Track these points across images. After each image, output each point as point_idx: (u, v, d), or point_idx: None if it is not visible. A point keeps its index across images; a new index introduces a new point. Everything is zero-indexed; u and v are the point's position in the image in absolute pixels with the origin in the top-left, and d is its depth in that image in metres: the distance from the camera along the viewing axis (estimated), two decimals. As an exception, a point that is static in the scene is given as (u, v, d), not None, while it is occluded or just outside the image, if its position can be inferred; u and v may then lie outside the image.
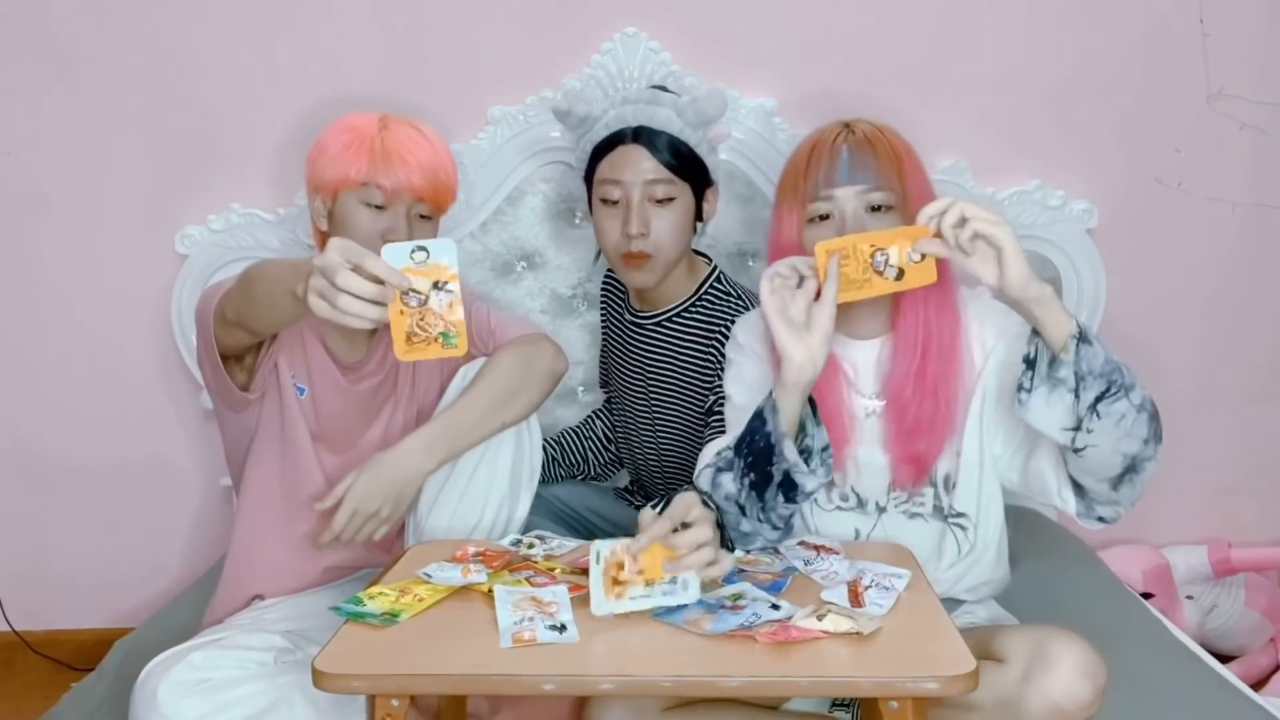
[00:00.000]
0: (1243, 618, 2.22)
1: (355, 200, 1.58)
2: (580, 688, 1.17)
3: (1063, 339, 1.29)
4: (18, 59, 2.10)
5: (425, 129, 1.64)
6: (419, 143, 1.60)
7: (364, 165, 1.57)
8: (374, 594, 1.28)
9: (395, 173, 1.57)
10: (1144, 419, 1.31)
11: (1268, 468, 2.29)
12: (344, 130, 1.60)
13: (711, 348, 1.77)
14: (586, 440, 2.09)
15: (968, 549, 1.51)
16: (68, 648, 2.31)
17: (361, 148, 1.57)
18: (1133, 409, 1.30)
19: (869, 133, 1.47)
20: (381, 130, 1.59)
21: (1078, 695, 1.23)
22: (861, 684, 1.12)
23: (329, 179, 1.59)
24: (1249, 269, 2.19)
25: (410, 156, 1.58)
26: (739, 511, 1.39)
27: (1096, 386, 1.28)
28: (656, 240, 1.72)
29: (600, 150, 1.75)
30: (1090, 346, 1.28)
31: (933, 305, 1.45)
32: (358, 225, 1.58)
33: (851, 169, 1.44)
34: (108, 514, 2.28)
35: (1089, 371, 1.28)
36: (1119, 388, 1.29)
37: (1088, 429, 1.30)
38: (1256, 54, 2.09)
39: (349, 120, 1.62)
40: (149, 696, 1.34)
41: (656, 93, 1.77)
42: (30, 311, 2.21)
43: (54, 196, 2.16)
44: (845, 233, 1.41)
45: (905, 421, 1.46)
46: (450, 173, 1.64)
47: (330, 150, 1.59)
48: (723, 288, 1.82)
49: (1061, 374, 1.29)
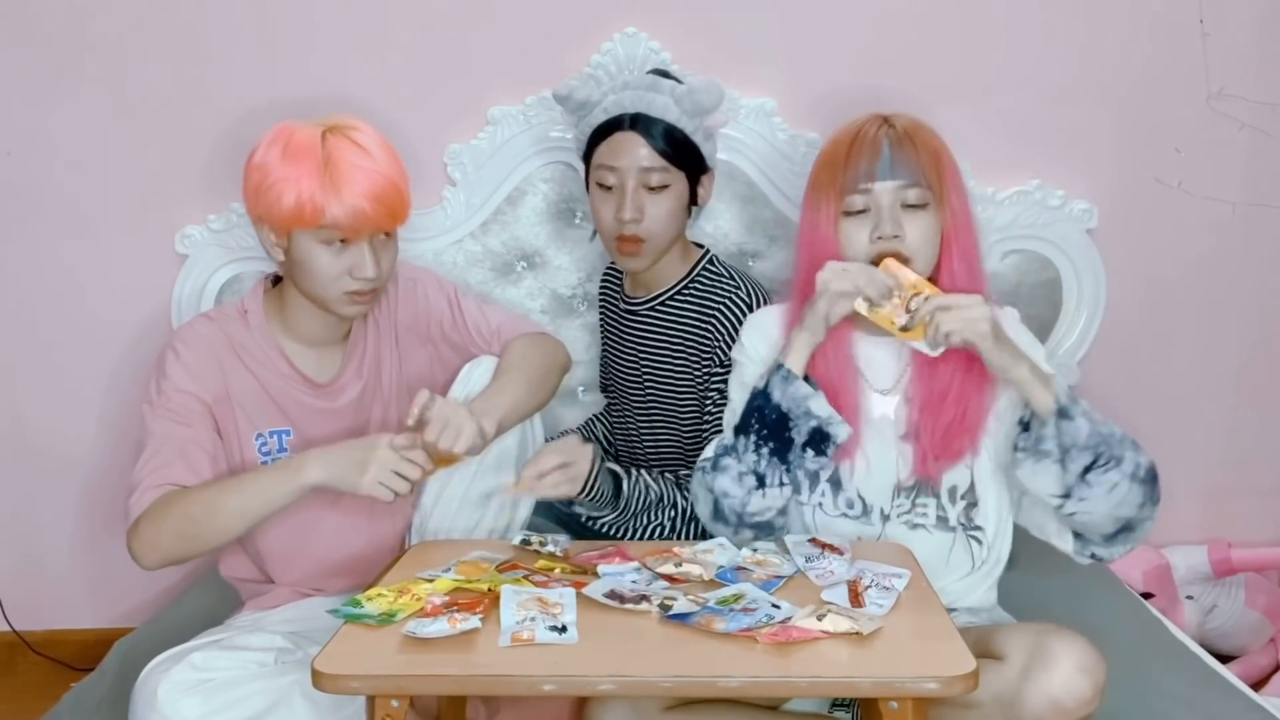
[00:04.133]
0: (1243, 618, 2.22)
1: (312, 241, 1.50)
2: (580, 688, 1.17)
3: (1046, 415, 1.35)
4: (18, 59, 2.10)
5: (368, 141, 1.51)
6: (368, 168, 1.48)
7: (316, 203, 1.46)
8: (372, 595, 1.28)
9: (351, 210, 1.47)
10: (1138, 487, 1.36)
11: (1268, 468, 2.29)
12: (286, 157, 1.48)
13: (706, 328, 1.78)
14: (587, 441, 2.09)
15: (981, 561, 1.52)
16: (68, 648, 2.31)
17: (309, 182, 1.46)
18: (1125, 478, 1.35)
19: (908, 128, 1.47)
20: (326, 162, 1.47)
21: (1077, 692, 1.23)
22: (861, 684, 1.12)
23: (277, 217, 1.49)
24: (1249, 269, 2.19)
25: (362, 187, 1.47)
26: (756, 483, 1.45)
27: (1083, 458, 1.34)
28: (650, 225, 1.74)
29: (598, 134, 1.77)
30: (1071, 421, 1.34)
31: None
32: (321, 267, 1.52)
33: (893, 164, 1.44)
34: (108, 514, 2.28)
35: (1073, 444, 1.34)
36: (1108, 459, 1.34)
37: (1079, 497, 1.36)
38: (1256, 54, 2.09)
39: (288, 140, 1.49)
40: (149, 696, 1.33)
41: (656, 79, 1.78)
42: (30, 311, 2.21)
43: (54, 196, 2.16)
44: (881, 227, 1.44)
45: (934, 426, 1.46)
46: (403, 187, 1.54)
47: (273, 181, 1.48)
48: (715, 269, 1.83)
49: (1045, 446, 1.35)
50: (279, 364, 1.61)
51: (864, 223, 1.45)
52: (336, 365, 1.65)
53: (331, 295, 1.54)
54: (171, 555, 1.46)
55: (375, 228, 1.51)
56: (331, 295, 1.54)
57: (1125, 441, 1.36)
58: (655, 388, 1.86)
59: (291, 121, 1.52)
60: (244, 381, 1.59)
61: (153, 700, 1.33)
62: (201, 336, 1.59)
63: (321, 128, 1.50)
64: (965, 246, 1.48)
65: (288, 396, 1.61)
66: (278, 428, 1.60)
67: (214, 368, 1.57)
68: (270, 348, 1.61)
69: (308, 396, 1.62)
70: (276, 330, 1.62)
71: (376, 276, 1.53)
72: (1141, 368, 2.23)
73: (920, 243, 1.45)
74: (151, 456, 1.50)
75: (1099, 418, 1.36)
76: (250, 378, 1.59)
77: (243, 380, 1.59)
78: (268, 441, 1.59)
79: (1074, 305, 2.14)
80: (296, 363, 1.62)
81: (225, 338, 1.60)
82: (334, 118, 1.53)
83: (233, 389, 1.58)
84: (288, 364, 1.61)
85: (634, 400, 1.92)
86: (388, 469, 1.42)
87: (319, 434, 1.60)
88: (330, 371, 1.64)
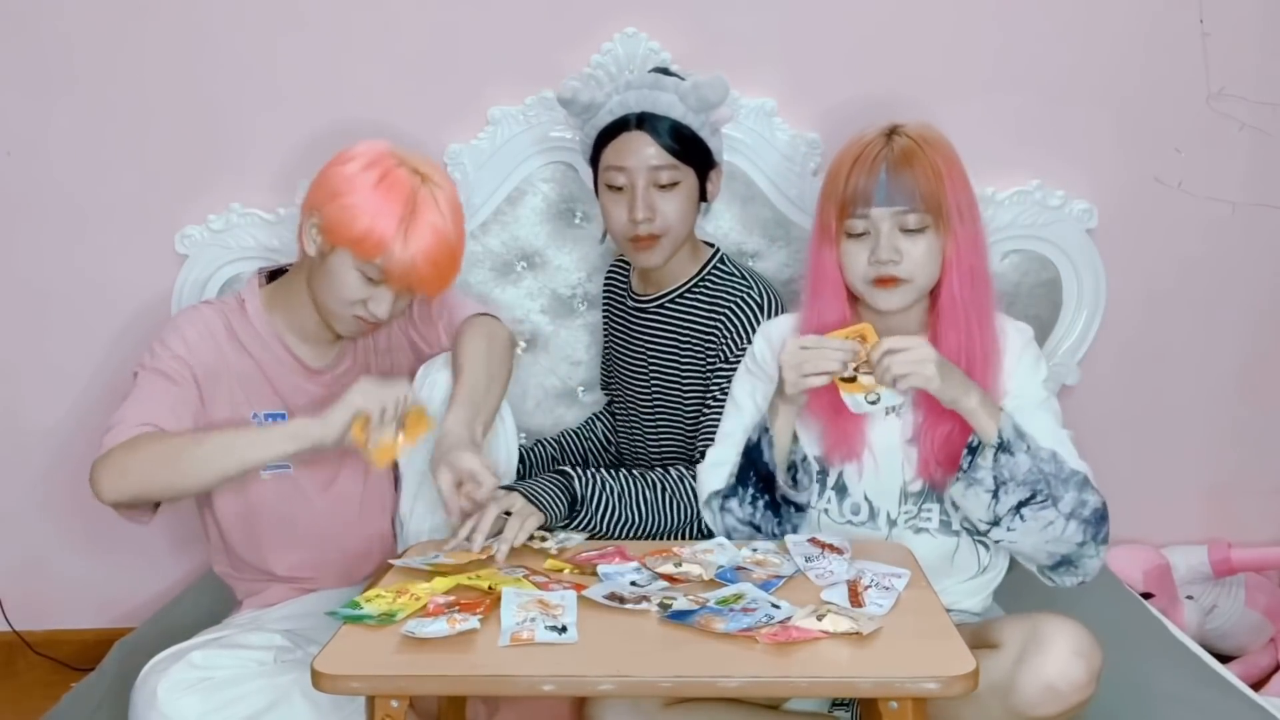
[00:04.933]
0: (1243, 618, 2.22)
1: (351, 264, 1.52)
2: (579, 688, 1.17)
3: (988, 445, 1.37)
4: (19, 59, 2.10)
5: (448, 205, 1.54)
6: (442, 234, 1.51)
7: (383, 244, 1.49)
8: (371, 596, 1.28)
9: (409, 266, 1.50)
10: (1078, 526, 1.37)
11: (1267, 467, 2.29)
12: (379, 187, 1.49)
13: (715, 327, 1.77)
14: (587, 441, 2.09)
15: (988, 565, 1.53)
16: (68, 648, 2.31)
17: (388, 222, 1.48)
18: (1061, 517, 1.36)
19: (908, 148, 1.45)
20: (412, 213, 1.49)
21: (1072, 676, 1.23)
22: (861, 684, 1.12)
23: (339, 231, 1.50)
24: (1249, 269, 2.19)
25: (430, 250, 1.50)
26: (753, 531, 1.50)
27: (1019, 493, 1.36)
28: (664, 222, 1.74)
29: (604, 136, 1.76)
30: (1012, 456, 1.36)
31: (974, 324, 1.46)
32: (344, 287, 1.53)
33: (890, 190, 1.43)
34: (108, 514, 2.27)
35: (1010, 478, 1.36)
36: (1046, 496, 1.36)
37: (1007, 527, 1.38)
38: (1256, 54, 2.09)
39: (387, 172, 1.51)
40: (149, 695, 1.34)
41: (659, 77, 1.78)
42: (30, 311, 2.21)
43: (54, 196, 2.16)
44: (878, 252, 1.44)
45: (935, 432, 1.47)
46: (460, 258, 1.57)
47: (355, 202, 1.49)
48: (725, 268, 1.82)
49: (979, 475, 1.37)
50: (277, 349, 1.63)
51: (864, 244, 1.46)
52: (332, 353, 1.67)
53: (338, 313, 1.57)
54: (136, 487, 1.46)
55: (420, 289, 1.55)
56: (338, 313, 1.57)
57: (1071, 482, 1.37)
58: (662, 386, 1.86)
59: (395, 152, 1.54)
60: (242, 363, 1.61)
61: (152, 699, 1.33)
62: (202, 316, 1.63)
63: (418, 174, 1.52)
64: (968, 267, 1.46)
65: (284, 381, 1.63)
66: (274, 410, 1.62)
67: (211, 345, 1.60)
68: (269, 334, 1.63)
69: (305, 382, 1.64)
70: (276, 320, 1.64)
71: (388, 318, 1.57)
72: (1141, 367, 2.23)
73: (919, 265, 1.45)
74: (136, 403, 1.53)
75: (1045, 455, 1.37)
76: (248, 360, 1.61)
77: (241, 362, 1.61)
78: (264, 424, 1.60)
79: (1074, 305, 2.14)
80: (294, 350, 1.64)
81: (224, 320, 1.62)
82: (425, 165, 1.55)
83: (231, 368, 1.60)
84: (285, 350, 1.63)
85: (640, 398, 1.91)
86: (358, 394, 1.44)
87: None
88: (326, 358, 1.67)
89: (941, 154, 1.46)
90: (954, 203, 1.44)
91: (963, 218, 1.45)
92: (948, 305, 1.46)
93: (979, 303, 1.46)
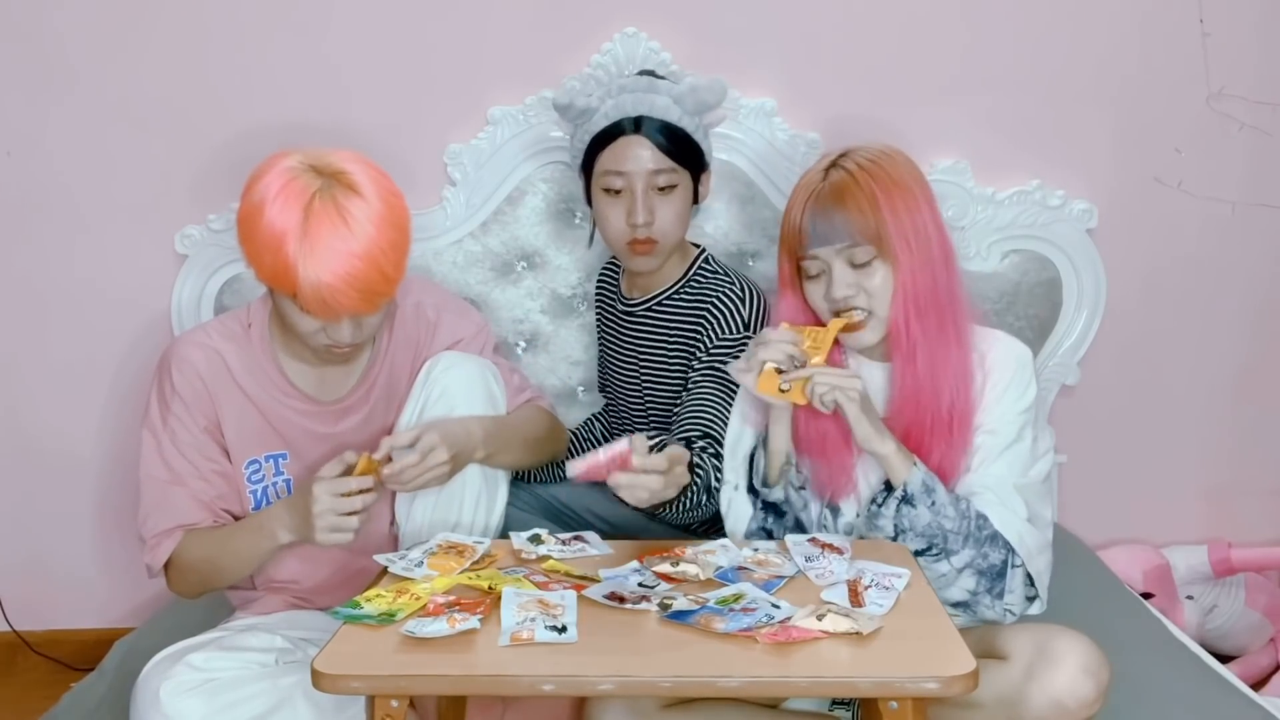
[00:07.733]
0: (1243, 618, 2.22)
1: (293, 304, 1.41)
2: (579, 688, 1.17)
3: (895, 490, 1.40)
4: (19, 59, 2.10)
5: (359, 211, 1.35)
6: (343, 250, 1.34)
7: (290, 278, 1.35)
8: (371, 595, 1.28)
9: (325, 299, 1.36)
10: (975, 578, 1.39)
11: (1267, 468, 2.29)
12: (270, 219, 1.35)
13: (700, 325, 1.78)
14: (586, 441, 2.09)
15: None
16: (68, 648, 2.31)
17: (284, 253, 1.34)
18: (953, 570, 1.39)
19: (840, 182, 1.41)
20: (304, 233, 1.33)
21: (1081, 693, 1.23)
22: (861, 684, 1.12)
23: (262, 275, 1.40)
24: (1248, 269, 2.19)
25: (339, 276, 1.34)
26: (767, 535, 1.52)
27: (916, 543, 1.39)
28: (661, 226, 1.75)
29: (600, 140, 1.76)
30: (913, 509, 1.38)
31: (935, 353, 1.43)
32: (297, 324, 1.45)
33: (823, 232, 1.42)
34: (109, 514, 2.28)
35: (910, 528, 1.39)
36: (940, 550, 1.38)
37: None
38: (1256, 54, 2.09)
39: (279, 193, 1.35)
40: (151, 696, 1.33)
41: (653, 80, 1.78)
42: (30, 311, 2.21)
43: (54, 196, 2.16)
44: (834, 289, 1.43)
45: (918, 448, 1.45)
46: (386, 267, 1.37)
47: (256, 232, 1.36)
48: (710, 267, 1.83)
49: (879, 522, 1.41)
50: (277, 382, 1.57)
51: (820, 285, 1.46)
52: (344, 383, 1.60)
53: (312, 345, 1.51)
54: (201, 593, 1.61)
55: (347, 313, 1.40)
56: (312, 345, 1.51)
57: (971, 539, 1.37)
58: (652, 389, 1.86)
59: (293, 161, 1.39)
60: (236, 405, 1.56)
61: (155, 701, 1.33)
62: (190, 363, 1.55)
63: (318, 179, 1.37)
64: (916, 296, 1.41)
65: (284, 419, 1.57)
66: (273, 451, 1.58)
67: (205, 398, 1.55)
68: (269, 364, 1.57)
69: (306, 419, 1.58)
70: (278, 346, 1.58)
71: (353, 342, 1.47)
72: (1141, 367, 2.23)
73: (877, 298, 1.43)
74: (156, 509, 1.54)
75: (951, 514, 1.37)
76: (244, 399, 1.56)
77: (235, 404, 1.56)
78: (262, 467, 1.57)
79: (1074, 305, 2.14)
80: (296, 381, 1.58)
81: (218, 359, 1.56)
82: (336, 163, 1.39)
83: (223, 415, 1.55)
84: (286, 381, 1.57)
85: (631, 401, 1.92)
86: (331, 515, 1.42)
87: (317, 458, 1.54)
88: (337, 390, 1.60)
89: (882, 182, 1.40)
90: (895, 231, 1.40)
91: (910, 244, 1.41)
92: (896, 337, 1.44)
93: (939, 329, 1.42)
